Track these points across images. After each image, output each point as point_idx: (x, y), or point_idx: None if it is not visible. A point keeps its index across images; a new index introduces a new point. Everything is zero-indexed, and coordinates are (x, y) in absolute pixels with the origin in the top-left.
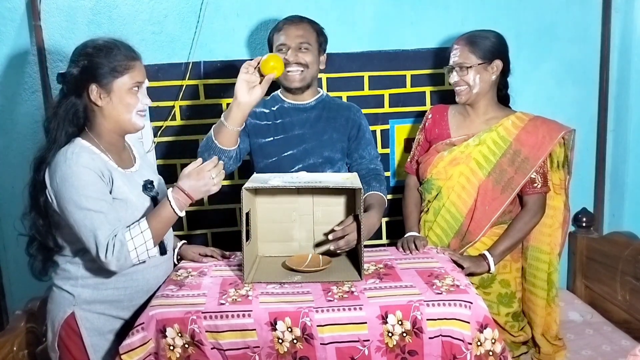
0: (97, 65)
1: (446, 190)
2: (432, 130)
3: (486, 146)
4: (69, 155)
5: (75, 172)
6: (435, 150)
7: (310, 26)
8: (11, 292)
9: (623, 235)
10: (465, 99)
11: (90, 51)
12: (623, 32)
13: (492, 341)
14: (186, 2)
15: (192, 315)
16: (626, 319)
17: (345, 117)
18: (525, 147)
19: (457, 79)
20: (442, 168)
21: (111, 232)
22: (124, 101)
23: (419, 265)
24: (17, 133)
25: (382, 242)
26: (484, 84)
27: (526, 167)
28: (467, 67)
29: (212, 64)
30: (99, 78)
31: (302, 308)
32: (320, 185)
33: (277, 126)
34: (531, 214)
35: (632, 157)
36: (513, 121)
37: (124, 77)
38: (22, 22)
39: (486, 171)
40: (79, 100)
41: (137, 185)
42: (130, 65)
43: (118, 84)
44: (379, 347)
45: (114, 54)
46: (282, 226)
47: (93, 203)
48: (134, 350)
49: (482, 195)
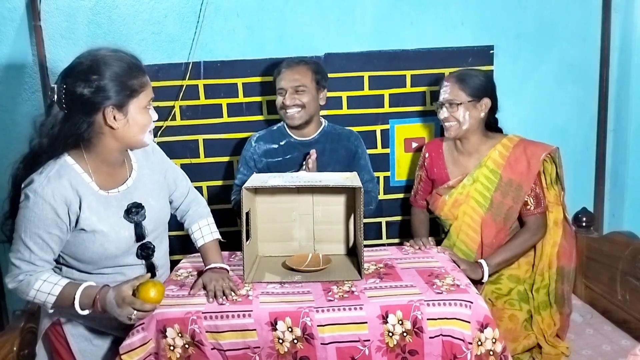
0: (113, 86)
1: (454, 230)
2: (431, 170)
3: (480, 183)
4: (42, 180)
5: (35, 201)
6: (437, 194)
7: (307, 68)
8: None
9: (623, 235)
10: (455, 134)
11: (104, 69)
12: (623, 32)
13: (492, 341)
14: (186, 2)
15: (192, 315)
16: (626, 318)
17: (345, 147)
18: (514, 175)
19: (447, 115)
20: (447, 211)
21: (28, 270)
22: (139, 122)
23: (419, 264)
24: (17, 133)
25: (382, 241)
26: (473, 120)
27: (521, 194)
28: (457, 104)
29: (212, 64)
30: (115, 100)
31: (302, 308)
32: (320, 185)
33: (287, 161)
34: (531, 233)
35: (632, 157)
36: (500, 151)
37: (139, 96)
38: (22, 22)
39: (485, 208)
40: (86, 121)
41: (117, 210)
42: (144, 82)
43: (134, 105)
44: (379, 347)
45: (128, 71)
46: (282, 226)
47: (29, 237)
48: (134, 350)
49: (486, 231)
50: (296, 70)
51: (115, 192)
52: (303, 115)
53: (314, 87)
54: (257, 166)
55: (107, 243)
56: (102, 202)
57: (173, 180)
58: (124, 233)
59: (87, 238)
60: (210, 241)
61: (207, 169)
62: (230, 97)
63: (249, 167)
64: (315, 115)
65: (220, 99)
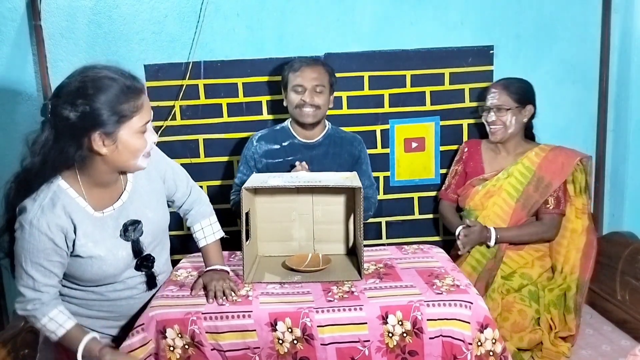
0: (100, 112)
1: (482, 219)
2: (468, 163)
3: (514, 177)
4: (36, 210)
5: (30, 232)
6: (470, 185)
7: (324, 69)
8: (11, 292)
9: (623, 235)
10: (500, 137)
11: (91, 93)
12: (623, 32)
13: (492, 341)
14: (186, 2)
15: (192, 316)
16: (626, 319)
17: (348, 151)
18: (547, 174)
19: (494, 119)
20: (478, 200)
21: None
22: (131, 147)
23: (419, 264)
24: (17, 133)
25: (382, 241)
26: (517, 124)
27: (548, 191)
28: (505, 109)
29: (213, 64)
30: (103, 126)
31: (302, 308)
32: (320, 185)
33: (288, 163)
34: (544, 228)
35: (632, 157)
36: (536, 152)
37: (131, 120)
38: (22, 22)
39: (515, 198)
40: (74, 145)
41: (113, 231)
42: (138, 106)
43: (125, 130)
44: (379, 348)
45: (119, 95)
46: (281, 226)
47: (31, 266)
48: (134, 350)
49: (514, 219)
50: (316, 69)
51: (111, 210)
52: (318, 115)
53: (328, 90)
54: (257, 166)
55: (104, 266)
56: (97, 225)
57: (173, 182)
58: (122, 253)
59: (84, 262)
60: (212, 242)
61: (207, 169)
62: (230, 97)
63: (249, 166)
64: (324, 118)
65: (221, 99)
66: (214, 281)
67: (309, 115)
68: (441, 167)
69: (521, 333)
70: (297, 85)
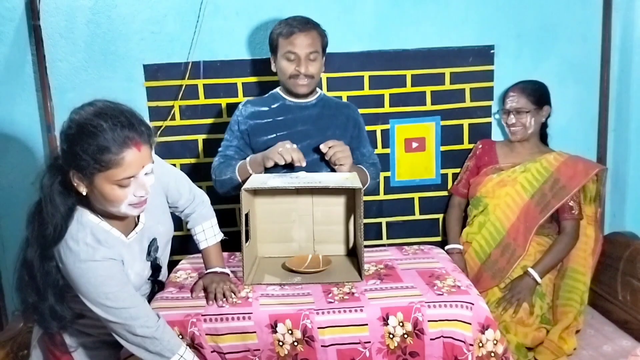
0: (76, 155)
1: (492, 207)
2: (482, 158)
3: (530, 173)
4: (83, 248)
5: (92, 267)
6: (484, 174)
7: (317, 32)
8: (11, 292)
9: (624, 235)
10: (521, 137)
11: (72, 133)
12: (624, 32)
13: (493, 342)
14: (186, 2)
15: (192, 318)
16: (627, 319)
17: (345, 115)
18: (563, 177)
19: (514, 121)
20: (490, 187)
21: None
22: (106, 196)
23: (420, 265)
24: (16, 133)
25: (383, 242)
26: (536, 125)
27: (562, 194)
28: (525, 111)
29: (212, 64)
30: (78, 168)
31: (302, 310)
32: (320, 186)
33: (278, 123)
34: (570, 237)
35: (633, 157)
36: (555, 156)
37: (108, 172)
38: (21, 22)
39: (530, 194)
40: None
41: (140, 254)
42: (118, 161)
43: (101, 179)
44: (380, 349)
45: (100, 144)
46: (281, 226)
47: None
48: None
49: (524, 214)
50: (310, 35)
51: (134, 234)
52: (312, 84)
53: (322, 54)
54: (240, 129)
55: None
56: (129, 251)
57: (177, 191)
58: (146, 273)
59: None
60: (213, 244)
61: (207, 169)
62: (229, 97)
63: (232, 131)
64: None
65: (220, 99)
66: (214, 283)
67: (304, 86)
68: (442, 167)
69: (526, 329)
70: (290, 53)
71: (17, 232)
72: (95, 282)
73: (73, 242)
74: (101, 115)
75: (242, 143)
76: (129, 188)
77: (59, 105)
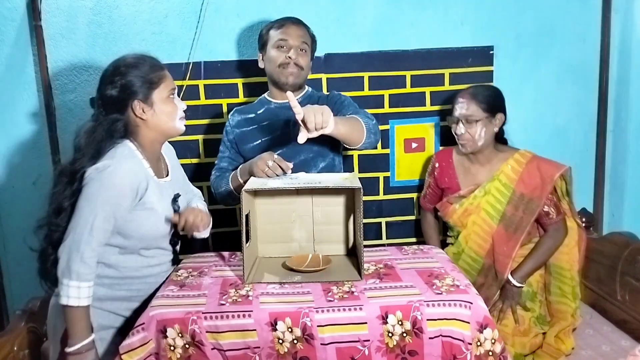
0: (134, 82)
1: (463, 237)
2: (441, 179)
3: (492, 195)
4: (116, 162)
5: (106, 185)
6: (448, 203)
7: (308, 31)
8: (11, 292)
9: (623, 235)
10: (471, 149)
11: (124, 70)
12: (623, 33)
13: (492, 341)
14: (187, 3)
15: (192, 315)
16: (626, 319)
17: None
18: (527, 190)
19: (463, 132)
20: (457, 218)
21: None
22: (165, 110)
23: (419, 265)
24: (17, 133)
25: (382, 242)
26: (488, 136)
27: (532, 207)
28: (475, 120)
29: (213, 64)
30: (139, 93)
31: (302, 308)
32: (320, 186)
33: (263, 128)
34: (554, 240)
35: (632, 158)
36: (512, 166)
37: (159, 87)
38: (22, 22)
39: (496, 220)
40: (121, 118)
41: (167, 196)
42: (161, 76)
43: (156, 95)
44: (379, 347)
45: (145, 68)
46: (281, 227)
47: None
48: (134, 350)
49: (497, 241)
50: (301, 28)
51: (163, 181)
52: (301, 76)
53: (310, 52)
54: (229, 139)
55: (158, 222)
56: (157, 186)
57: (183, 178)
58: (169, 218)
59: (144, 215)
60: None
61: (207, 169)
62: (230, 97)
63: (224, 142)
64: (304, 82)
65: (221, 99)
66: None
67: (292, 75)
68: None
69: (524, 339)
70: (281, 40)
71: (18, 232)
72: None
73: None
74: (135, 56)
75: (233, 153)
76: (176, 101)
77: (60, 106)
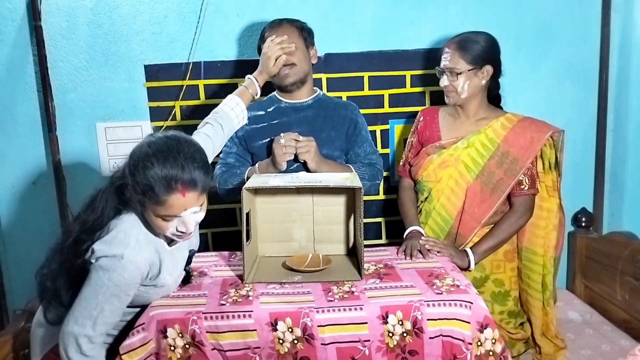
0: (130, 179)
1: (436, 192)
2: (423, 133)
3: (474, 149)
4: (133, 244)
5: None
6: (425, 153)
7: (290, 26)
8: (11, 292)
9: (622, 235)
10: (454, 101)
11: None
12: (622, 32)
13: (492, 341)
14: (186, 3)
15: (192, 315)
16: (626, 318)
17: (342, 115)
18: (513, 148)
19: (447, 84)
20: (431, 171)
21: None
22: (151, 222)
23: (419, 265)
24: (17, 133)
25: (382, 242)
26: (473, 89)
27: (515, 169)
28: (457, 72)
29: (213, 64)
30: (132, 190)
31: (302, 308)
32: (320, 185)
33: (273, 127)
34: (517, 216)
35: (632, 157)
36: (502, 122)
37: (152, 206)
38: (22, 23)
39: (474, 174)
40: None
41: (178, 262)
42: (160, 201)
43: (151, 208)
44: (379, 347)
45: (148, 182)
46: (282, 226)
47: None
48: (134, 350)
49: (471, 198)
50: (281, 30)
51: (176, 243)
52: (298, 72)
53: (302, 44)
54: (238, 135)
55: (165, 293)
56: (171, 258)
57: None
58: (180, 280)
59: (153, 292)
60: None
61: None
62: None
63: (231, 138)
64: (308, 76)
65: (221, 99)
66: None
67: (287, 75)
68: None
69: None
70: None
71: (18, 232)
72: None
73: (124, 235)
74: (157, 153)
75: (241, 149)
76: (172, 222)
77: (60, 106)
